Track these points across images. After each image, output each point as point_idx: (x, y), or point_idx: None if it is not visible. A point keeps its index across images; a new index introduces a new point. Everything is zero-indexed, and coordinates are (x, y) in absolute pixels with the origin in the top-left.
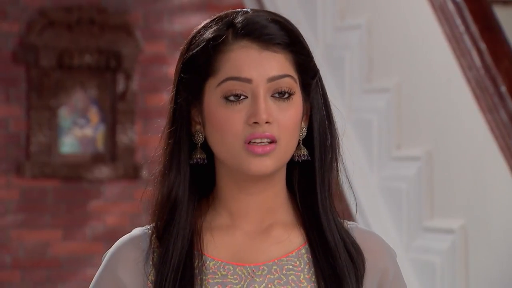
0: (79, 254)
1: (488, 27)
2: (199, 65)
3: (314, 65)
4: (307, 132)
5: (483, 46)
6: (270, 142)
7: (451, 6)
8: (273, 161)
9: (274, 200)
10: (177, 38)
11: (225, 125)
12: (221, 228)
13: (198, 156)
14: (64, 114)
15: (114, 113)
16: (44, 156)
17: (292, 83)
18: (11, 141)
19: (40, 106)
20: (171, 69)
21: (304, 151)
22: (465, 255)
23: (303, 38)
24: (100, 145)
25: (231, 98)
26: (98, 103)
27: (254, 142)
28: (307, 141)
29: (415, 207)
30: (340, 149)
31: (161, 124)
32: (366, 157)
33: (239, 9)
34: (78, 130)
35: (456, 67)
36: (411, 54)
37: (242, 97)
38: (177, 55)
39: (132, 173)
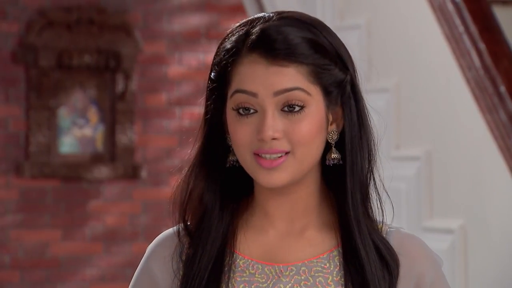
0: (79, 254)
1: (488, 28)
2: (220, 75)
3: (337, 71)
4: (340, 136)
5: (482, 46)
6: (281, 156)
7: (450, 6)
8: (284, 175)
9: (308, 201)
10: (177, 38)
11: (236, 136)
12: (255, 227)
13: (230, 158)
14: (64, 114)
15: (114, 113)
16: (44, 156)
17: (303, 96)
18: (10, 141)
19: (39, 106)
20: (170, 69)
21: (335, 155)
22: (464, 255)
23: (328, 44)
24: (99, 145)
25: (241, 111)
26: (97, 103)
27: (264, 157)
28: (340, 145)
29: (414, 207)
30: (375, 154)
31: (160, 124)
32: None
33: (266, 13)
34: (77, 130)
35: (456, 67)
36: (411, 54)
37: (251, 110)
38: (176, 55)
39: (132, 173)
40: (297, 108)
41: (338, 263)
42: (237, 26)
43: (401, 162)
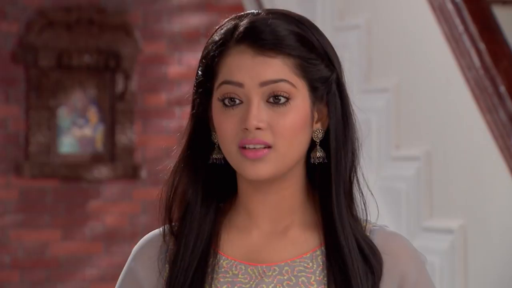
0: (78, 254)
1: (487, 27)
2: (207, 68)
3: (324, 68)
4: (325, 135)
5: (482, 46)
6: (264, 148)
7: (450, 6)
8: (268, 166)
9: (291, 201)
10: (176, 38)
11: (222, 129)
12: (239, 227)
13: (214, 156)
14: (63, 114)
15: (113, 113)
16: (43, 156)
17: (289, 88)
18: (10, 141)
19: (39, 106)
20: (170, 69)
21: (320, 153)
22: (464, 255)
23: (315, 40)
24: (99, 145)
25: (227, 102)
26: (97, 103)
27: (248, 148)
28: (325, 143)
29: (414, 207)
30: (359, 153)
31: (160, 124)
32: (365, 157)
33: (254, 11)
34: (77, 130)
35: (455, 67)
36: (410, 54)
37: (237, 101)
38: (176, 55)
39: (131, 173)
40: (282, 100)
41: (321, 263)
42: (226, 21)
43: (401, 162)
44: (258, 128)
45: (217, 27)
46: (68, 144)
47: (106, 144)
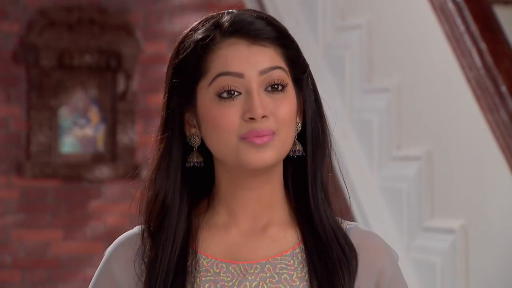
0: (79, 254)
1: (489, 27)
2: (189, 68)
3: (304, 60)
4: (302, 127)
5: (483, 46)
6: (269, 135)
7: (451, 6)
8: (273, 153)
9: (271, 197)
10: (177, 38)
11: (220, 121)
12: (218, 226)
13: (195, 160)
14: (65, 114)
15: (115, 113)
16: (45, 156)
17: (284, 75)
18: (11, 141)
19: (40, 106)
20: None
21: (299, 147)
22: (466, 255)
23: (290, 34)
24: (100, 145)
25: (224, 95)
26: (98, 103)
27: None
28: (300, 136)
29: (415, 207)
30: (332, 144)
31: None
32: (366, 157)
33: (225, 11)
34: (78, 130)
35: (457, 67)
36: (411, 54)
37: (235, 93)
38: None
39: (132, 173)
40: (280, 87)
41: (301, 260)
42: (196, 24)
43: (402, 162)
44: (264, 116)
45: (187, 31)
46: (69, 144)
47: (107, 144)
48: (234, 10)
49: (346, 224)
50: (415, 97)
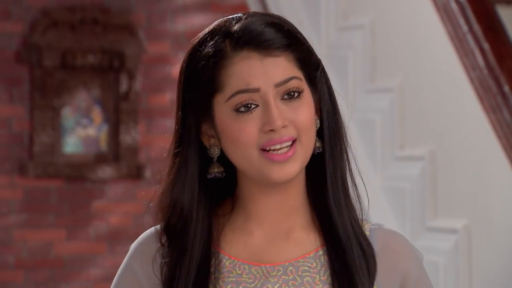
0: (83, 254)
1: (492, 27)
2: (202, 83)
3: (315, 57)
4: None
5: (486, 46)
6: (291, 145)
7: (454, 6)
8: (296, 165)
9: (294, 201)
10: (180, 38)
11: (239, 135)
12: (241, 228)
13: (215, 170)
14: (67, 114)
15: (117, 113)
16: (48, 156)
17: (299, 83)
18: (14, 141)
19: (43, 106)
20: (174, 69)
21: (318, 143)
22: (469, 255)
23: (300, 33)
24: (103, 145)
25: (242, 109)
26: (101, 103)
27: (274, 150)
28: (318, 132)
29: (418, 207)
30: (348, 138)
31: (164, 124)
32: (370, 157)
33: (232, 16)
34: (81, 130)
35: (459, 67)
36: (415, 54)
37: (253, 106)
38: (180, 55)
39: (135, 173)
40: (296, 95)
41: (324, 262)
42: (204, 35)
43: (405, 162)
44: (284, 126)
45: (195, 43)
46: (72, 144)
47: (110, 144)
48: (241, 16)
49: (370, 225)
50: (418, 97)
